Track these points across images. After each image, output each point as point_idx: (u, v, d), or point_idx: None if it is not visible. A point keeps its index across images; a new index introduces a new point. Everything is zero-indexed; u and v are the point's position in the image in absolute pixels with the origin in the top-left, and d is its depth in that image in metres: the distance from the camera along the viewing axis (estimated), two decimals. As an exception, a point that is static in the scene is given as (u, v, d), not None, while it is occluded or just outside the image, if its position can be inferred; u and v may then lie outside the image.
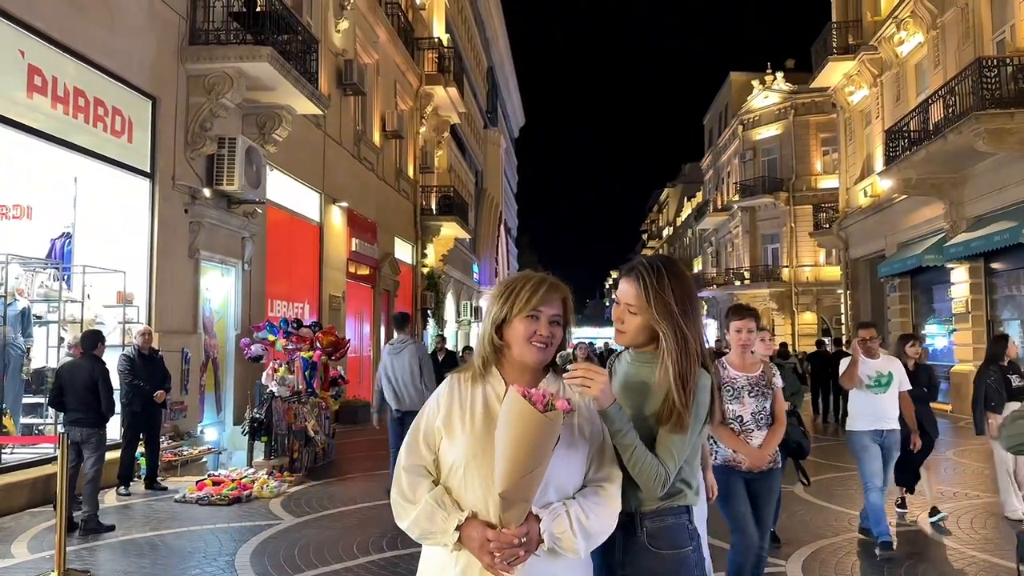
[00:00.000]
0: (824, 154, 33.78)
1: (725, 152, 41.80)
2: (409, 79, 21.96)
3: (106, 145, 8.90)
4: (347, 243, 16.69)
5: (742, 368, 4.23)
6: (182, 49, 10.19)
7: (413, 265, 22.81)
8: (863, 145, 21.76)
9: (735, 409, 4.15)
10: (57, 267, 8.84)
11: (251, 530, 6.53)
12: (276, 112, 11.72)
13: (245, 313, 11.80)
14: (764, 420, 4.16)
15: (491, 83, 39.74)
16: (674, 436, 1.99)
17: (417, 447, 1.97)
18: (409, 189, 22.36)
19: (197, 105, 10.29)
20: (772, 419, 4.20)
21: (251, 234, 11.80)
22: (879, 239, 20.11)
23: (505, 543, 1.77)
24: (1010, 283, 14.70)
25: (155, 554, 5.85)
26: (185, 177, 10.20)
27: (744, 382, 4.18)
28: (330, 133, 15.59)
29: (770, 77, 36.43)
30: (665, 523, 2.05)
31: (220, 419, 11.48)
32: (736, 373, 4.21)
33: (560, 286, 1.99)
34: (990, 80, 12.28)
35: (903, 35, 18.03)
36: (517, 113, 55.04)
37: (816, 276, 33.95)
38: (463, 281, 31.02)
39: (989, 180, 14.17)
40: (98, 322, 8.87)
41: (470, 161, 34.33)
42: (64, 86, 8.21)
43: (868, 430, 5.83)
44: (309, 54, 12.01)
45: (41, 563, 5.52)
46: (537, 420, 1.73)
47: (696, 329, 2.08)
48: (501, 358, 2.00)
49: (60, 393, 6.71)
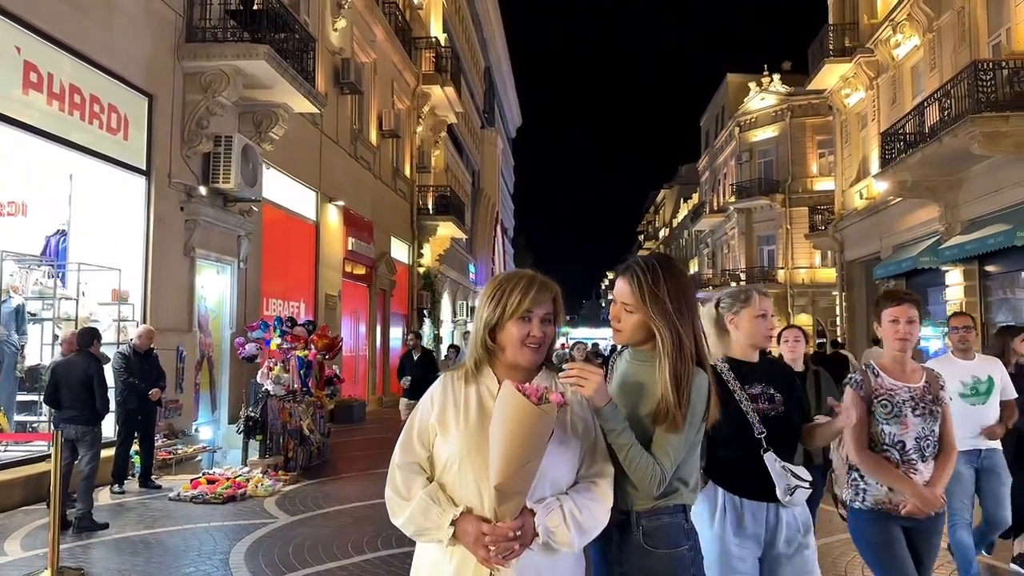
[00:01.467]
0: (820, 156, 33.85)
1: (721, 154, 41.86)
2: (406, 78, 21.95)
3: (102, 142, 8.88)
4: (343, 242, 16.67)
5: (901, 376, 3.19)
6: (179, 47, 10.17)
7: (409, 265, 22.80)
8: (859, 147, 21.82)
9: (894, 432, 3.11)
10: (52, 264, 8.81)
11: (245, 528, 6.52)
12: (273, 110, 11.71)
13: (240, 311, 11.79)
14: (931, 448, 3.14)
15: (488, 83, 39.75)
16: (669, 435, 2.00)
17: (411, 444, 1.98)
18: (406, 188, 22.35)
19: (194, 103, 10.27)
20: (939, 446, 3.18)
21: (247, 232, 11.78)
22: (874, 241, 20.15)
23: (500, 536, 1.78)
24: (1004, 286, 14.74)
25: (149, 552, 5.84)
26: (181, 175, 10.18)
27: (906, 395, 3.13)
28: (327, 132, 15.58)
29: (767, 79, 36.50)
30: (661, 522, 2.06)
31: (215, 418, 11.46)
32: (894, 383, 3.16)
33: (550, 284, 1.98)
34: (985, 83, 12.30)
35: (899, 38, 18.07)
36: (514, 113, 55.06)
37: (811, 278, 34.01)
38: (459, 281, 31.02)
39: (984, 183, 14.21)
40: (93, 319, 8.85)
41: (467, 161, 34.33)
42: (60, 83, 8.19)
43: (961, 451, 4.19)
44: (306, 52, 12.00)
45: (34, 561, 5.50)
46: (532, 412, 1.74)
47: (692, 327, 2.08)
48: (494, 359, 2.00)
49: (55, 390, 6.69)
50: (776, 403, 2.80)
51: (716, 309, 2.97)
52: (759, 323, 2.87)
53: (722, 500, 2.75)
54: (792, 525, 2.74)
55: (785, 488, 2.67)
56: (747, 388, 2.80)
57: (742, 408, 2.76)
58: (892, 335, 3.17)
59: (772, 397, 2.79)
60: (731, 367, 2.83)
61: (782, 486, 2.68)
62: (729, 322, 2.90)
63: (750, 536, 2.70)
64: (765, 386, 2.81)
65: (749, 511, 2.72)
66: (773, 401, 2.79)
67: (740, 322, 2.88)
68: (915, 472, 3.10)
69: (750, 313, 2.86)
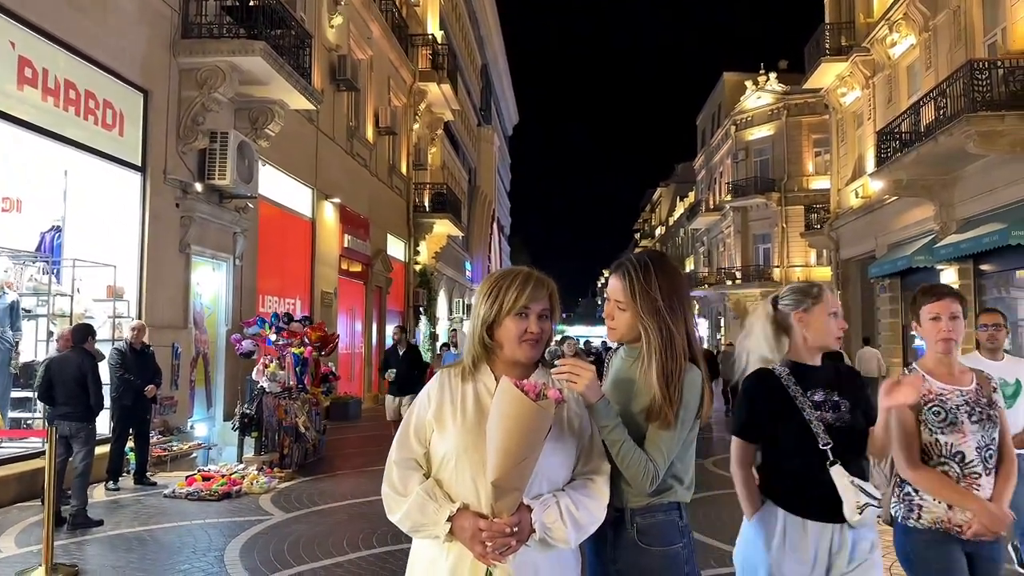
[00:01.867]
0: (816, 155, 33.91)
1: (718, 152, 41.91)
2: (403, 75, 21.91)
3: (97, 138, 8.85)
4: (339, 239, 16.66)
5: (949, 378, 2.85)
6: (174, 42, 10.14)
7: (406, 262, 22.79)
8: (855, 146, 21.86)
9: (951, 443, 2.76)
10: (47, 260, 8.79)
11: (241, 525, 6.52)
12: (269, 107, 11.68)
13: (236, 308, 11.77)
14: (993, 458, 2.79)
15: (485, 81, 39.71)
16: (662, 433, 2.00)
17: (408, 441, 1.98)
18: (402, 186, 22.33)
19: (189, 99, 10.25)
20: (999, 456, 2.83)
21: (243, 229, 11.76)
22: (870, 240, 20.19)
23: (497, 532, 1.78)
24: (998, 284, 14.79)
25: (144, 549, 5.84)
26: (177, 171, 10.15)
27: (959, 400, 2.80)
28: (323, 128, 15.55)
29: (763, 78, 36.55)
30: (655, 520, 2.06)
31: (210, 415, 11.44)
32: (943, 386, 2.83)
33: (546, 280, 2.00)
34: (981, 82, 12.33)
35: (895, 37, 18.10)
36: (511, 111, 55.02)
37: (807, 276, 34.02)
38: (455, 279, 31.01)
39: (979, 182, 14.25)
40: (88, 316, 8.83)
41: (463, 158, 34.30)
42: (55, 78, 8.16)
43: None
44: (302, 49, 11.97)
45: (28, 557, 5.49)
46: (529, 408, 1.74)
47: (683, 324, 2.09)
48: (492, 356, 2.01)
49: (49, 387, 6.67)
50: (842, 411, 2.52)
51: (774, 307, 2.67)
52: (831, 321, 2.58)
53: (781, 522, 2.48)
54: (859, 547, 2.47)
55: (854, 506, 2.38)
56: (810, 395, 2.52)
57: (805, 417, 2.47)
58: (934, 334, 2.85)
59: (837, 404, 2.52)
60: (791, 371, 2.56)
61: (851, 504, 2.38)
62: (797, 321, 2.60)
63: (811, 561, 2.43)
64: (829, 392, 2.54)
65: (812, 533, 2.44)
66: (838, 409, 2.52)
67: (810, 321, 2.58)
68: (978, 487, 2.73)
69: (822, 310, 2.57)
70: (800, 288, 2.69)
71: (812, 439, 2.46)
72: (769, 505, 2.54)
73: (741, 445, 2.67)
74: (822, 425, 2.48)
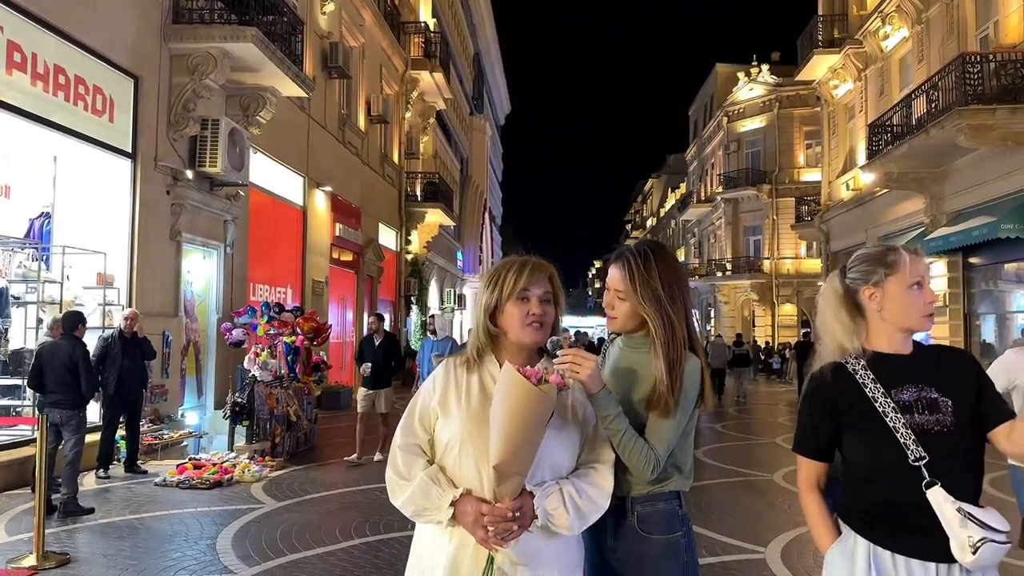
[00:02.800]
0: (807, 147, 34.01)
1: (710, 143, 41.94)
2: (395, 63, 21.80)
3: (87, 124, 8.77)
4: (331, 228, 16.59)
5: None
6: (165, 28, 10.05)
7: (397, 251, 22.74)
8: (846, 139, 21.92)
9: None
10: (36, 247, 8.71)
11: (232, 514, 6.51)
12: (260, 94, 11.60)
13: (227, 297, 11.72)
14: None
15: (477, 69, 39.54)
16: (663, 421, 2.01)
17: (412, 427, 1.99)
18: (394, 175, 22.25)
19: (180, 85, 10.16)
20: None
21: (233, 217, 11.69)
22: (860, 232, 20.29)
23: (500, 517, 1.79)
24: (987, 278, 14.90)
25: (135, 537, 5.82)
26: (167, 158, 10.08)
27: None
28: (314, 116, 15.46)
29: (755, 69, 36.56)
30: (656, 508, 2.07)
31: (201, 403, 11.41)
32: None
33: (544, 264, 2.01)
34: (973, 76, 12.37)
35: (888, 29, 18.14)
36: (503, 101, 54.82)
37: (797, 268, 34.24)
38: (447, 268, 30.96)
39: (969, 175, 14.32)
40: (78, 303, 8.78)
41: (455, 148, 34.19)
42: (44, 63, 8.07)
43: None
44: (294, 35, 11.89)
45: (19, 545, 5.47)
46: (531, 392, 1.75)
47: (684, 313, 2.10)
48: (497, 345, 2.02)
49: (39, 374, 6.63)
50: (941, 411, 1.92)
51: (843, 281, 2.08)
52: (914, 296, 1.97)
53: (865, 557, 1.92)
54: None
55: (965, 543, 1.78)
56: (896, 393, 1.94)
57: (888, 423, 1.91)
58: None
59: (934, 403, 1.93)
60: (869, 364, 1.99)
61: (960, 540, 1.79)
62: (869, 299, 2.01)
63: None
64: (922, 388, 1.95)
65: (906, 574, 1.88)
66: (936, 409, 1.92)
67: (884, 298, 1.99)
68: None
69: (900, 282, 1.98)
70: (870, 255, 2.06)
71: (900, 452, 1.88)
72: (848, 534, 1.99)
73: (804, 464, 2.09)
74: (912, 433, 1.89)
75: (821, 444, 2.06)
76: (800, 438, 2.10)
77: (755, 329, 34.96)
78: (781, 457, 9.89)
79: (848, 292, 2.06)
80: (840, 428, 2.00)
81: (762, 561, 5.31)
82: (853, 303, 2.05)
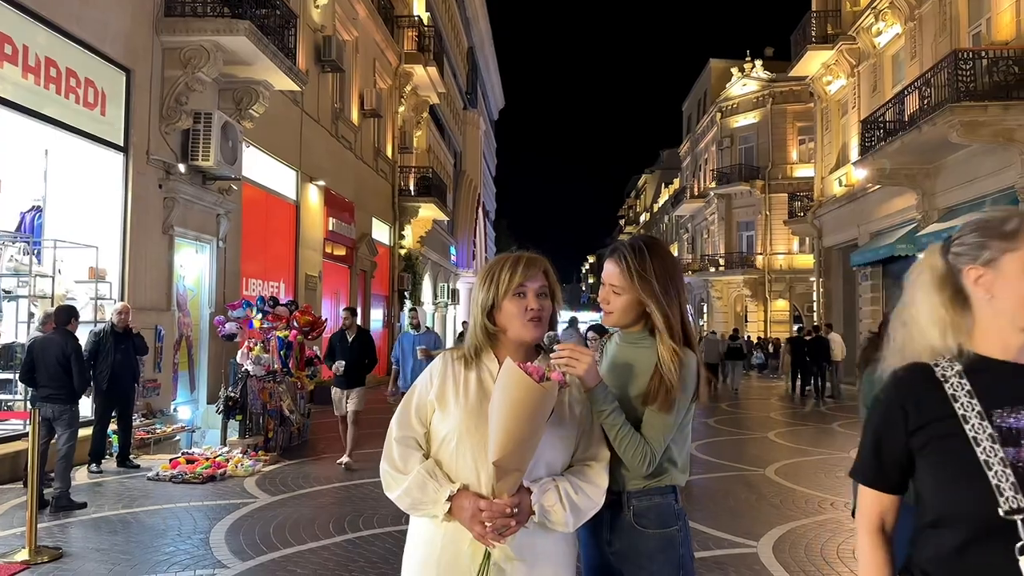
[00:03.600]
0: (800, 143, 34.09)
1: (703, 139, 42.00)
2: (388, 57, 21.73)
3: (78, 117, 8.72)
4: (324, 222, 16.56)
5: None
6: (158, 21, 9.99)
7: (391, 246, 22.70)
8: (839, 135, 21.99)
9: None
10: (27, 241, 8.67)
11: (225, 508, 6.51)
12: (253, 87, 11.56)
13: (219, 291, 11.69)
14: None
15: (471, 64, 39.44)
16: (659, 416, 2.02)
17: (409, 420, 1.99)
18: (387, 169, 22.20)
19: (173, 79, 10.11)
20: None
21: (226, 211, 11.66)
22: (852, 228, 20.37)
23: (497, 513, 1.79)
24: (978, 274, 15.01)
25: (128, 531, 5.81)
26: (160, 152, 10.03)
27: None
28: (308, 110, 15.41)
29: (749, 65, 36.62)
30: (652, 502, 2.08)
31: (194, 397, 11.38)
32: None
33: (539, 259, 2.01)
34: (965, 73, 12.43)
35: (881, 26, 18.19)
36: (497, 95, 54.74)
37: (789, 264, 34.36)
38: (440, 263, 30.94)
39: (961, 171, 14.40)
40: (69, 297, 8.73)
41: (449, 142, 34.14)
42: (35, 56, 8.01)
43: None
44: (287, 29, 11.84)
45: (12, 540, 5.45)
46: (533, 389, 1.75)
47: (679, 308, 2.11)
48: (495, 343, 2.02)
49: (31, 369, 6.61)
50: None
51: (945, 257, 1.51)
52: None
53: None
54: None
55: None
56: (998, 417, 1.38)
57: (978, 455, 1.35)
58: None
59: None
60: (967, 371, 1.43)
61: None
62: (974, 283, 1.45)
63: None
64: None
65: None
66: None
67: (998, 282, 1.42)
68: None
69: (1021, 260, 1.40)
70: (983, 222, 1.48)
71: (987, 496, 1.32)
72: None
73: (864, 495, 1.54)
74: (1013, 474, 1.32)
75: (887, 471, 1.49)
76: (861, 462, 1.54)
77: (748, 324, 35.08)
78: (773, 452, 9.93)
79: (951, 272, 1.49)
80: (914, 451, 1.45)
81: (754, 555, 5.34)
82: (956, 288, 1.48)
